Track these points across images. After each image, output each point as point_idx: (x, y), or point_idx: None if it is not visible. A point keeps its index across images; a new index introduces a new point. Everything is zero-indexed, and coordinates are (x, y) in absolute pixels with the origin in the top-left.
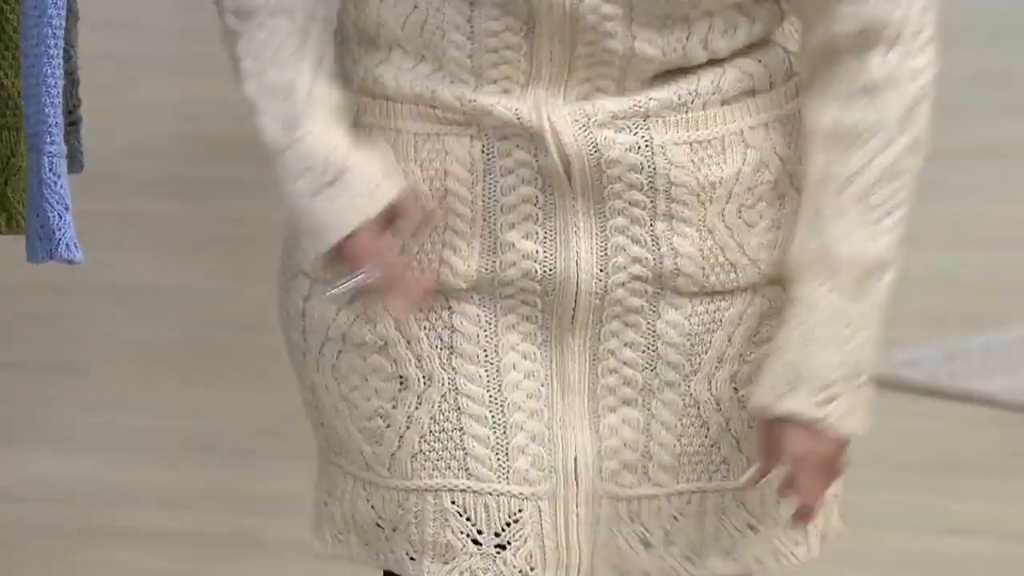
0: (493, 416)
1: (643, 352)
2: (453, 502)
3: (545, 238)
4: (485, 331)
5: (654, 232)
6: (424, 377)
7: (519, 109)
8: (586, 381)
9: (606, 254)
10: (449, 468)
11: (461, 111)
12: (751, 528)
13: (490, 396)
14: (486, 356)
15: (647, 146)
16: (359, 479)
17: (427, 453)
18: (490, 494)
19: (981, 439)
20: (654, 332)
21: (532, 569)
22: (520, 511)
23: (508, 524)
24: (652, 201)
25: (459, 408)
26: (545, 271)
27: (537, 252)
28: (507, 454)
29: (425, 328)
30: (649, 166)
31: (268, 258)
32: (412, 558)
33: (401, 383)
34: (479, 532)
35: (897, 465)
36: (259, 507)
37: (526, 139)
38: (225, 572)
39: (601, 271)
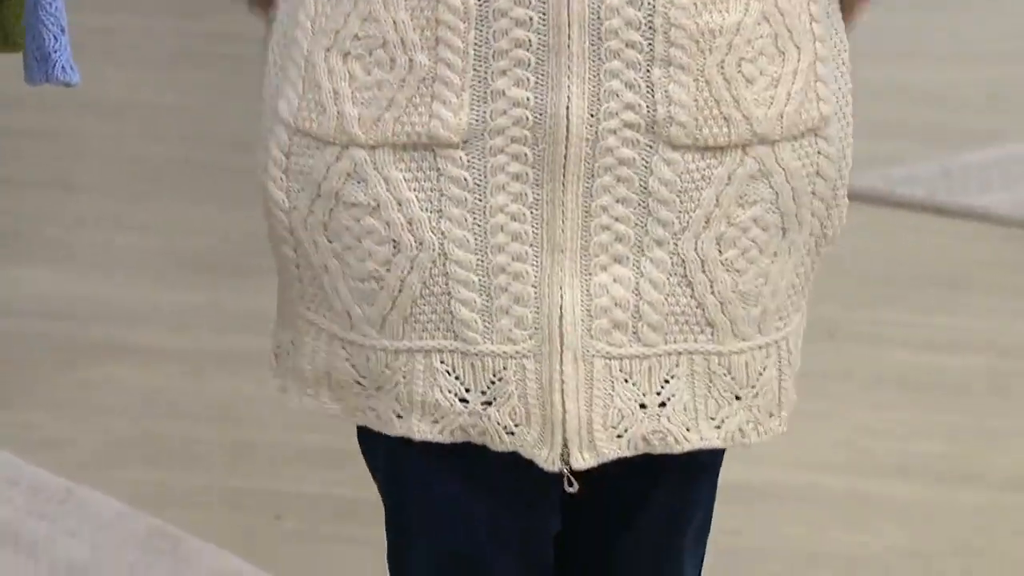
0: (480, 280)
1: (635, 208)
2: (442, 362)
3: (537, 84)
4: (473, 193)
5: (650, 79)
6: (416, 242)
7: None
8: (578, 239)
9: (598, 99)
10: (438, 330)
11: None
12: (736, 397)
13: (477, 260)
14: (474, 219)
15: None
16: (338, 338)
17: (417, 316)
18: (476, 355)
19: (979, 255)
20: (646, 189)
21: (517, 425)
22: (504, 369)
23: (493, 382)
24: (650, 43)
25: (447, 273)
26: (536, 117)
27: (528, 99)
28: (491, 316)
29: (415, 190)
30: (649, 3)
31: (261, 75)
32: (400, 416)
33: (394, 247)
34: (466, 391)
35: (895, 281)
36: (257, 325)
37: None
38: (224, 390)
39: (592, 116)
